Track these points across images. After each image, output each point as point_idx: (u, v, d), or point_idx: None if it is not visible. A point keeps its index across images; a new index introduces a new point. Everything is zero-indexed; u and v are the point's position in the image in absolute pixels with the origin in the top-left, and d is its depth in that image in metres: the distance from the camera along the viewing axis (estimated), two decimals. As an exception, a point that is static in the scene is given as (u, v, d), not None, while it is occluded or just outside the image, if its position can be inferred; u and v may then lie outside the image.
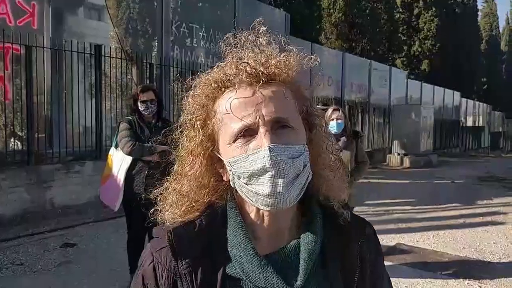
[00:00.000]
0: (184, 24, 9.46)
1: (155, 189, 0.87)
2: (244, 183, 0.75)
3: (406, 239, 5.78)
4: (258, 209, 0.79)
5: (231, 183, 0.79)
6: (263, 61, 0.78)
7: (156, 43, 9.07)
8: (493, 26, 44.25)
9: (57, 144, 6.92)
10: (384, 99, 18.59)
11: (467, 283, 4.25)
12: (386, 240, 5.54)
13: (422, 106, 17.46)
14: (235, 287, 0.77)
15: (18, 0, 6.52)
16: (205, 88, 0.80)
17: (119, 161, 3.84)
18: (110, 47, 7.61)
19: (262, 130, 0.73)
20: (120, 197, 3.82)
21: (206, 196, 0.82)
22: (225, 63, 0.80)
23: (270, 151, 0.71)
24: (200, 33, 9.83)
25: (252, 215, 0.81)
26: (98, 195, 4.26)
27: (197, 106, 0.81)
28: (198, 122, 0.80)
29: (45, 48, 6.67)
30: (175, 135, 0.86)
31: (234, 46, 0.81)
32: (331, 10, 19.74)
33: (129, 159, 3.76)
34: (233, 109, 0.75)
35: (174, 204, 0.83)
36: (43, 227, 5.87)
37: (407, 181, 11.87)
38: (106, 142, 7.31)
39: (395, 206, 8.09)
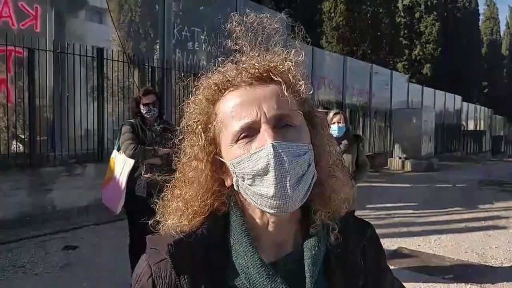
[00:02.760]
0: (186, 28, 9.49)
1: (158, 193, 0.85)
2: (249, 185, 0.72)
3: (408, 243, 5.77)
4: (262, 214, 0.76)
5: (234, 186, 0.76)
6: (263, 60, 0.77)
7: (158, 46, 9.09)
8: (494, 30, 44.28)
9: (59, 147, 6.93)
10: (386, 103, 18.59)
11: (469, 287, 4.24)
12: (387, 244, 5.53)
13: (423, 110, 17.46)
14: None
15: (21, 3, 6.56)
16: (205, 91, 0.79)
17: (121, 164, 3.85)
18: (112, 50, 7.63)
19: (264, 127, 0.71)
20: (122, 200, 3.82)
21: (210, 202, 0.79)
22: (225, 67, 0.79)
23: (273, 149, 0.69)
24: (201, 37, 9.86)
25: (257, 220, 0.77)
26: (99, 198, 4.27)
27: (198, 111, 0.79)
28: (199, 127, 0.79)
29: (47, 51, 6.69)
30: (176, 141, 0.83)
31: (234, 48, 0.80)
32: (332, 14, 19.77)
33: (131, 162, 3.76)
34: (233, 108, 0.74)
35: (177, 211, 0.80)
36: (44, 230, 5.88)
37: (409, 185, 11.85)
38: (108, 145, 7.32)
39: (397, 210, 8.08)
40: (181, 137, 0.83)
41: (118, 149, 3.91)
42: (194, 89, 0.81)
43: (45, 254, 4.99)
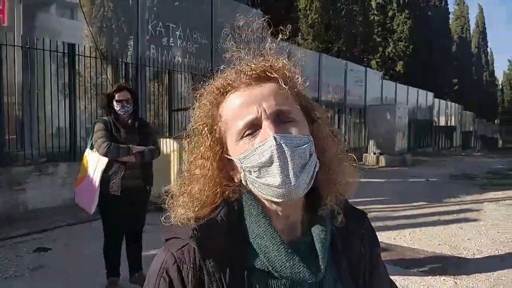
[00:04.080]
0: (160, 23, 9.35)
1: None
2: (256, 177, 0.78)
3: (383, 237, 5.86)
4: (270, 203, 0.81)
5: (243, 181, 0.82)
6: (259, 61, 0.83)
7: (132, 42, 8.93)
8: (464, 28, 45.51)
9: (29, 145, 6.73)
10: (360, 99, 18.86)
11: (443, 279, 4.34)
12: (364, 239, 5.59)
13: (396, 106, 17.78)
14: (262, 278, 0.79)
15: (-13, -4, 6.32)
16: (208, 96, 0.85)
17: (94, 163, 3.75)
18: (84, 46, 7.45)
19: (265, 123, 0.78)
20: (96, 199, 3.72)
21: (220, 190, 0.84)
22: (225, 72, 0.86)
23: (275, 140, 0.75)
24: (176, 33, 9.74)
25: (266, 208, 0.82)
26: (73, 197, 4.15)
27: (203, 114, 0.85)
28: (205, 129, 0.85)
29: (16, 46, 6.47)
30: (184, 143, 0.89)
31: (235, 49, 0.87)
32: (308, 11, 19.88)
33: (104, 160, 3.67)
34: (236, 109, 0.81)
35: (185, 204, 0.84)
36: (15, 231, 5.69)
37: (383, 180, 12.05)
38: (81, 143, 7.15)
39: (372, 204, 8.20)
40: (188, 139, 0.89)
41: (91, 147, 3.81)
42: (198, 95, 0.87)
43: (17, 256, 4.82)
